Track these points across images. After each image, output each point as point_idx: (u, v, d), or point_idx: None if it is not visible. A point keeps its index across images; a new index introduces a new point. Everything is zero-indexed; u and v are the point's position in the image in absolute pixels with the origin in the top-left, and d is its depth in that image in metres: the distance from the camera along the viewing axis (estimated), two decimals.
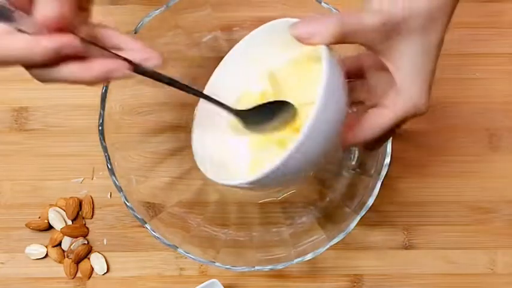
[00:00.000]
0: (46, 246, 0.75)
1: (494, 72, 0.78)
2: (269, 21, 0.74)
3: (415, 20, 0.51)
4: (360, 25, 0.50)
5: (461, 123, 0.77)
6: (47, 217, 0.75)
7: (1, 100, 0.77)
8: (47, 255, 0.75)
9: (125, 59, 0.47)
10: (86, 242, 0.75)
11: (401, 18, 0.50)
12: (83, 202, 0.76)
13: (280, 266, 0.65)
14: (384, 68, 0.53)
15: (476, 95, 0.77)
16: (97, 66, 0.45)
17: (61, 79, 0.45)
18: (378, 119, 0.54)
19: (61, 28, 0.43)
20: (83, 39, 0.44)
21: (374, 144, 0.57)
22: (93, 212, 0.76)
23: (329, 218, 0.70)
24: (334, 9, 0.65)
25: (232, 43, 0.75)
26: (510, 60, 0.78)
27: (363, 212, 0.64)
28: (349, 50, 0.60)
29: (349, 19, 0.50)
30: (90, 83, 0.45)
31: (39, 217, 0.76)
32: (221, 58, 0.76)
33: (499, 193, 0.76)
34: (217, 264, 0.65)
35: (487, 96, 0.77)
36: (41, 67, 0.44)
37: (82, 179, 0.76)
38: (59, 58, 0.44)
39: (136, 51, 0.49)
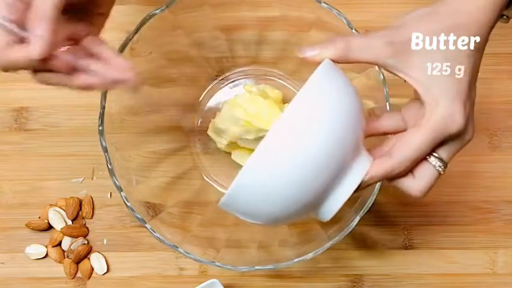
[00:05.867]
0: (46, 246, 0.75)
1: (494, 72, 0.78)
2: (269, 20, 0.74)
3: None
4: (366, 42, 0.51)
5: None
6: (47, 217, 0.75)
7: (1, 100, 0.77)
8: (47, 255, 0.75)
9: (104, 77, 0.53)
10: (86, 242, 0.75)
11: (409, 38, 0.50)
12: (83, 202, 0.76)
13: (280, 266, 0.65)
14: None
15: (477, 95, 0.77)
16: (80, 79, 0.52)
17: (52, 83, 0.53)
18: (407, 139, 0.51)
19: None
20: (72, 56, 0.52)
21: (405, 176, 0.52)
22: (93, 212, 0.76)
23: None
24: (334, 9, 0.65)
25: (232, 43, 0.76)
26: (510, 60, 0.78)
27: (362, 212, 0.64)
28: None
29: (355, 37, 0.51)
30: (74, 88, 0.53)
31: (39, 217, 0.76)
32: (221, 58, 0.77)
33: (499, 193, 0.76)
34: (217, 264, 0.65)
35: (487, 96, 0.77)
36: (37, 71, 0.52)
37: (82, 179, 0.76)
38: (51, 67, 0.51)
39: (117, 68, 0.53)
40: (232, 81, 0.77)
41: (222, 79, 0.77)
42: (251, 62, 0.76)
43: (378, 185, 0.64)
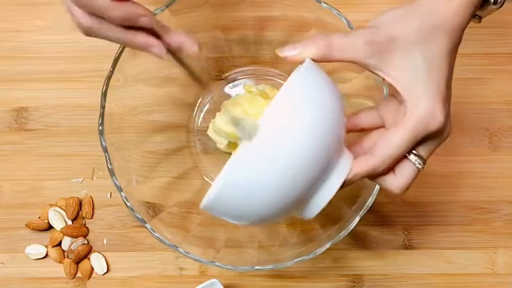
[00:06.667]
0: (46, 246, 0.75)
1: (494, 72, 0.78)
2: (269, 20, 0.74)
3: (406, 38, 0.50)
4: (347, 41, 0.51)
5: (461, 123, 0.77)
6: (47, 217, 0.75)
7: (1, 100, 0.77)
8: (47, 255, 0.75)
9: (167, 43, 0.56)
10: (86, 242, 0.75)
11: (389, 37, 0.51)
12: (83, 202, 0.76)
13: (280, 266, 0.65)
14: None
15: (476, 95, 0.77)
16: (141, 37, 0.54)
17: (110, 37, 0.53)
18: (389, 138, 0.51)
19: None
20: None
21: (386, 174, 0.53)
22: (93, 212, 0.76)
23: (329, 218, 0.70)
24: (334, 9, 0.65)
25: (232, 43, 0.76)
26: (510, 60, 0.78)
27: (362, 212, 0.64)
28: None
29: (336, 36, 0.52)
30: (132, 47, 0.55)
31: (39, 217, 0.76)
32: (221, 58, 0.77)
33: (499, 193, 0.76)
34: (217, 264, 0.65)
35: (487, 96, 0.77)
36: (105, 20, 0.52)
37: (82, 179, 0.76)
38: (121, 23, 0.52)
39: (177, 35, 0.56)
40: (232, 81, 0.77)
41: (222, 79, 0.77)
42: (251, 62, 0.76)
43: (378, 185, 0.64)
